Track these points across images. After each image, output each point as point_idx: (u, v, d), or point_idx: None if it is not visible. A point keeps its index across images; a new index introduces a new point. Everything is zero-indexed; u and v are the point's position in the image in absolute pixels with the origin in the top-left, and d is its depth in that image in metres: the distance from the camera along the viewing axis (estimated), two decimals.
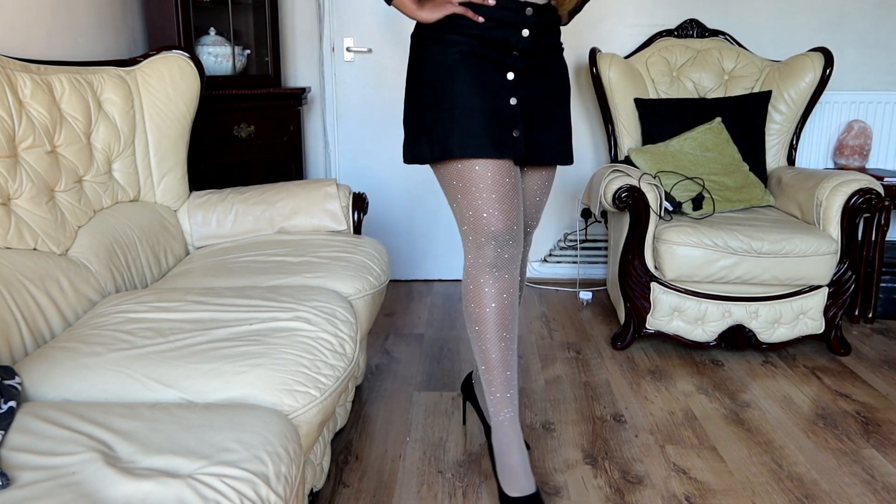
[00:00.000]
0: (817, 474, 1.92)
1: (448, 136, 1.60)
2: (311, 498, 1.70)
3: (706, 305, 2.60)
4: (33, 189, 1.72)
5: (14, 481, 0.99)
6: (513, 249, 1.66)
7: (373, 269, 2.03)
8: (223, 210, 2.35)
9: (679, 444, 2.06)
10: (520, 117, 1.63)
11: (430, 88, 1.63)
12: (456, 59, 1.60)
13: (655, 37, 3.27)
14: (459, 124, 1.59)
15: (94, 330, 1.51)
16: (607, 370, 2.56)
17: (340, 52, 3.38)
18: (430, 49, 1.64)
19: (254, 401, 1.30)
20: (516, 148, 1.62)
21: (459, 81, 1.60)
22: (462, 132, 1.59)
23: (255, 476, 1.05)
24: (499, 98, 1.61)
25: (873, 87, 3.38)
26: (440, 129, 1.61)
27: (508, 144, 1.61)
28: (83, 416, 1.17)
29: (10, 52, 1.96)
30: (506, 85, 1.62)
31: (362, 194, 2.50)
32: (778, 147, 3.10)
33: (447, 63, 1.61)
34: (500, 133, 1.60)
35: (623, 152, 3.10)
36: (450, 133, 1.60)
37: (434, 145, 1.63)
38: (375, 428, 2.15)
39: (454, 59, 1.60)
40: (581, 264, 3.62)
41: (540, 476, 1.90)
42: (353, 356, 1.53)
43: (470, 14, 1.57)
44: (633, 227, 2.60)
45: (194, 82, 2.32)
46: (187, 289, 1.78)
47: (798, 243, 2.50)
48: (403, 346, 2.78)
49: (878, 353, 2.73)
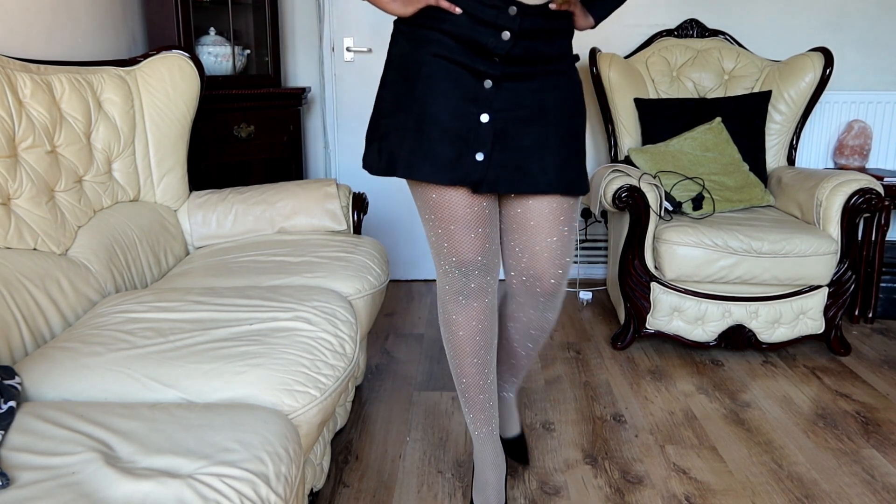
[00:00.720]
0: (817, 474, 1.92)
1: (397, 150, 1.40)
2: (311, 498, 1.70)
3: (706, 305, 2.60)
4: (33, 189, 1.72)
5: (14, 481, 0.99)
6: (481, 279, 1.52)
7: (373, 269, 2.03)
8: (223, 210, 2.35)
9: (679, 444, 2.06)
10: (488, 137, 1.37)
11: (391, 91, 1.43)
12: (423, 60, 1.38)
13: (655, 37, 3.27)
14: (411, 138, 1.38)
15: (94, 330, 1.51)
16: (607, 370, 2.56)
17: (340, 52, 3.38)
18: (400, 46, 1.43)
19: (254, 401, 1.30)
20: (474, 173, 1.38)
21: (422, 87, 1.38)
22: (412, 148, 1.38)
23: (255, 476, 1.05)
24: (466, 112, 1.37)
25: (873, 87, 3.38)
26: (392, 139, 1.41)
27: (465, 169, 1.38)
28: (83, 416, 1.17)
29: (10, 52, 1.96)
30: (479, 96, 1.37)
31: (362, 194, 2.51)
32: (778, 147, 3.10)
33: (412, 64, 1.40)
34: (458, 155, 1.37)
35: (623, 152, 3.10)
36: (400, 146, 1.40)
37: (382, 156, 1.44)
38: (375, 428, 2.15)
39: (421, 60, 1.38)
40: (581, 264, 3.62)
41: (540, 476, 1.90)
42: (353, 356, 1.53)
43: (444, 4, 1.34)
44: (633, 227, 2.60)
45: (194, 82, 2.33)
46: (187, 289, 1.78)
47: (798, 243, 2.50)
48: (403, 346, 2.78)
49: (878, 353, 2.73)
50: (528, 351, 1.71)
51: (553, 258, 1.51)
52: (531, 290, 1.57)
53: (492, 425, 1.66)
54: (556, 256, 1.51)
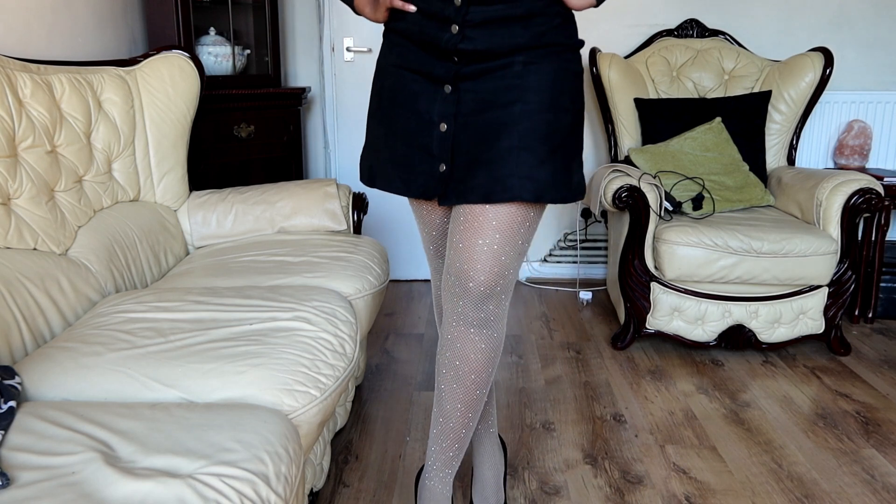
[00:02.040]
0: (817, 474, 1.92)
1: (375, 163, 1.40)
2: (311, 498, 1.70)
3: (706, 305, 2.60)
4: (33, 189, 1.72)
5: (14, 481, 0.99)
6: None
7: (373, 269, 2.03)
8: (223, 210, 2.35)
9: (679, 443, 2.06)
10: (448, 147, 1.28)
11: (371, 102, 1.42)
12: (388, 71, 1.36)
13: (655, 37, 3.27)
14: (384, 151, 1.37)
15: (94, 330, 1.51)
16: (607, 370, 2.56)
17: (340, 52, 3.38)
18: (380, 51, 1.41)
19: (254, 401, 1.30)
20: (439, 186, 1.31)
21: (387, 99, 1.35)
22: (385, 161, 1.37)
23: (255, 476, 1.05)
24: (427, 123, 1.29)
25: (873, 87, 3.38)
26: (371, 150, 1.42)
27: (432, 181, 1.31)
28: (83, 415, 1.17)
29: (10, 52, 1.96)
30: (439, 104, 1.28)
31: (362, 194, 2.51)
32: (778, 147, 3.10)
33: (381, 71, 1.38)
34: (423, 166, 1.31)
35: (623, 152, 3.10)
36: (377, 158, 1.40)
37: (365, 167, 1.45)
38: (375, 428, 2.15)
39: (386, 71, 1.36)
40: (581, 264, 3.62)
41: (540, 476, 1.90)
42: (353, 356, 1.53)
43: (398, 4, 1.26)
44: (633, 227, 2.60)
45: (194, 82, 2.33)
46: (187, 289, 1.78)
47: (798, 243, 2.50)
48: (403, 346, 2.78)
49: (878, 353, 2.73)
50: (453, 393, 1.40)
51: (479, 260, 1.31)
52: (451, 291, 1.36)
53: (489, 422, 1.66)
54: (486, 258, 1.30)
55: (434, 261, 1.56)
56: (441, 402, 1.43)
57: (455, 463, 1.47)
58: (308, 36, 3.41)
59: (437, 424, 1.45)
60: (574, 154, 1.32)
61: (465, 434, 1.44)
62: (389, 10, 1.32)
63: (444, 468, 1.47)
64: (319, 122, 3.51)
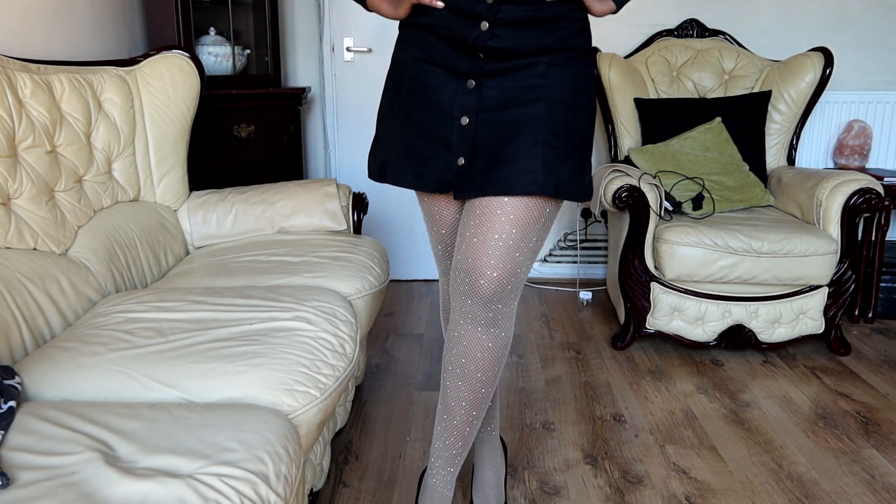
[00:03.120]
0: (817, 474, 1.92)
1: (387, 157, 1.39)
2: (311, 498, 1.70)
3: (706, 305, 2.60)
4: (33, 189, 1.72)
5: (14, 481, 0.99)
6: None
7: (373, 269, 2.03)
8: (223, 210, 2.35)
9: (679, 443, 2.06)
10: (469, 141, 1.30)
11: (385, 96, 1.42)
12: (407, 64, 1.36)
13: (655, 37, 3.27)
14: (398, 145, 1.36)
15: (94, 330, 1.51)
16: (607, 370, 2.56)
17: (340, 52, 3.38)
18: (395, 49, 1.41)
19: (254, 401, 1.30)
20: (456, 179, 1.32)
21: (406, 92, 1.35)
22: (399, 155, 1.36)
23: (255, 476, 1.05)
24: (447, 116, 1.31)
25: (873, 87, 3.38)
26: (384, 145, 1.41)
27: (449, 175, 1.32)
28: (83, 415, 1.17)
29: (10, 52, 1.96)
30: (461, 98, 1.30)
31: (362, 194, 2.51)
32: (778, 147, 3.10)
33: (399, 68, 1.38)
34: (440, 160, 1.32)
35: (623, 152, 3.10)
36: (389, 152, 1.38)
37: (376, 162, 1.43)
38: (375, 428, 2.15)
39: (405, 64, 1.36)
40: (581, 264, 3.62)
41: (540, 476, 1.90)
42: (353, 356, 1.53)
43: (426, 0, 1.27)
44: (633, 227, 2.60)
45: (194, 82, 2.33)
46: (187, 289, 1.78)
47: (798, 243, 2.50)
48: (403, 346, 2.78)
49: (878, 353, 2.73)
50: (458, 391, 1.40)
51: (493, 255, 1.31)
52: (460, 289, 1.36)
53: (491, 425, 1.66)
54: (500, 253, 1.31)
55: (443, 262, 1.55)
56: (446, 400, 1.43)
57: (458, 461, 1.47)
58: (308, 36, 3.41)
59: (441, 421, 1.45)
60: (587, 155, 1.36)
61: (468, 432, 1.44)
62: (413, 6, 1.32)
63: (446, 466, 1.47)
64: (319, 122, 3.51)
